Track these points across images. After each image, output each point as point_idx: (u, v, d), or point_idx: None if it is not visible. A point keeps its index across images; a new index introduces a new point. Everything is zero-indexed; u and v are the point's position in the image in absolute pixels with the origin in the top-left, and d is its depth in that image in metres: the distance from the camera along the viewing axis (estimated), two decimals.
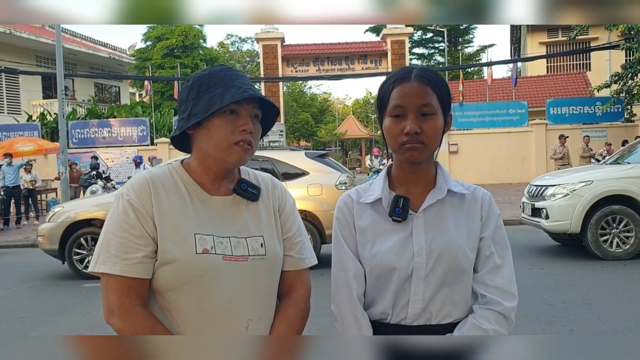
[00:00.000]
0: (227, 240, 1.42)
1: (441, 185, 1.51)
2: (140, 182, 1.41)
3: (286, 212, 1.56)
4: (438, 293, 1.45)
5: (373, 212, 1.52)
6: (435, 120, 1.44)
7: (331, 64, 27.01)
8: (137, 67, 30.99)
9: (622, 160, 8.56)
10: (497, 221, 1.54)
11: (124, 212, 1.37)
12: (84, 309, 6.10)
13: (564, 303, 5.53)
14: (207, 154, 1.44)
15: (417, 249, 1.45)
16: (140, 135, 21.44)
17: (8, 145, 17.16)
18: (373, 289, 1.50)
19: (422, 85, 1.44)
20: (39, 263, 9.20)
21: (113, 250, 1.35)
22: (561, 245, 8.87)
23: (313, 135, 43.81)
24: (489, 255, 1.49)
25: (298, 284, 1.54)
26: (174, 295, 1.38)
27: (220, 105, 1.37)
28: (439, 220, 1.49)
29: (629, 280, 6.42)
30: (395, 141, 1.44)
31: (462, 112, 22.03)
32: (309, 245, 1.59)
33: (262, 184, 1.56)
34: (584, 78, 27.23)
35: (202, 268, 1.37)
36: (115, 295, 1.34)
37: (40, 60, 26.91)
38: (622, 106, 20.38)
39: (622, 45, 18.82)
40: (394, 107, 1.44)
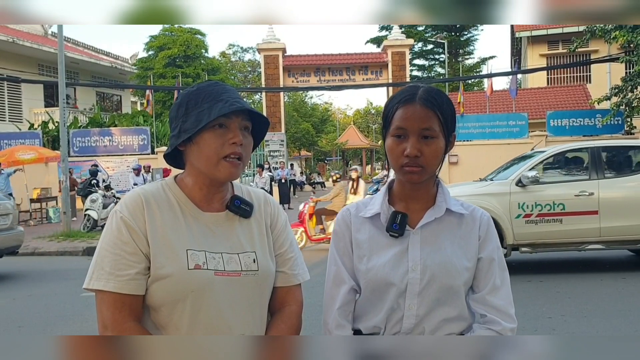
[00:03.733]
0: (220, 256, 1.43)
1: (440, 203, 1.53)
2: (134, 199, 1.43)
3: (278, 228, 1.58)
4: (432, 310, 1.47)
5: (371, 226, 1.54)
6: (436, 144, 1.46)
7: (332, 75, 27.10)
8: (139, 76, 31.10)
9: (495, 176, 8.50)
10: (496, 242, 1.55)
11: (117, 229, 1.39)
12: (82, 318, 6.09)
13: (562, 316, 5.52)
14: (198, 170, 1.46)
15: (412, 264, 1.47)
16: (141, 144, 21.49)
17: (9, 153, 17.19)
18: (367, 302, 1.52)
19: (425, 109, 1.45)
20: (37, 271, 9.19)
21: (107, 267, 1.37)
22: (559, 257, 8.85)
23: (314, 145, 43.85)
24: (489, 275, 1.51)
25: (290, 300, 1.55)
26: (167, 310, 1.39)
27: (209, 120, 1.39)
28: (435, 238, 1.50)
29: (628, 293, 6.40)
30: (397, 161, 1.47)
31: (462, 124, 22.06)
32: (302, 261, 1.60)
33: (255, 200, 1.57)
34: (584, 90, 27.28)
35: (194, 283, 1.38)
36: (109, 311, 1.36)
37: (43, 68, 27.02)
38: (622, 118, 20.39)
39: (622, 58, 18.88)
40: (397, 128, 1.46)
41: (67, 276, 8.81)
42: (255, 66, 45.14)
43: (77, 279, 7.88)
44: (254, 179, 19.11)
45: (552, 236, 7.53)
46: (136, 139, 21.54)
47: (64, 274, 8.38)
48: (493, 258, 1.52)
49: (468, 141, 22.08)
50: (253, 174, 19.60)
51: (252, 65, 46.90)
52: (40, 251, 11.82)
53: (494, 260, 1.52)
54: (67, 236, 13.13)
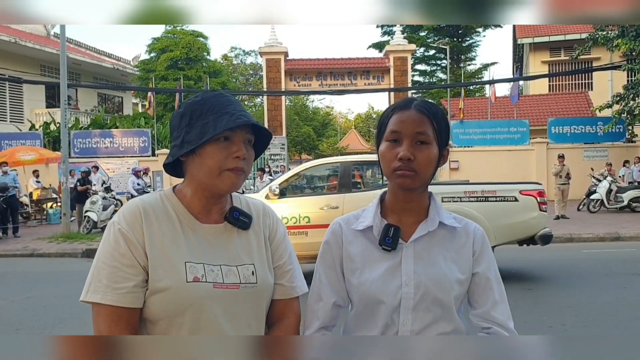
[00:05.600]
0: (218, 268, 1.42)
1: (433, 216, 1.52)
2: (132, 210, 1.41)
3: (277, 240, 1.56)
4: (428, 326, 1.45)
5: (364, 239, 1.53)
6: (430, 150, 1.45)
7: (334, 79, 27.12)
8: (141, 78, 31.12)
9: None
10: (491, 256, 1.55)
11: (115, 241, 1.38)
12: (81, 321, 6.06)
13: (562, 325, 5.49)
14: (200, 181, 1.44)
15: (406, 279, 1.46)
16: (141, 146, 21.51)
17: (9, 153, 17.21)
18: (361, 318, 1.51)
19: (420, 115, 1.45)
20: (36, 273, 9.17)
21: (104, 280, 1.35)
22: (561, 267, 8.83)
23: (315, 149, 43.85)
24: (488, 291, 1.50)
25: (288, 312, 1.54)
26: (165, 324, 1.38)
27: (214, 133, 1.37)
28: (428, 252, 1.49)
29: (629, 303, 6.37)
30: (389, 166, 1.45)
31: (464, 129, 22.07)
32: (300, 273, 1.59)
33: (254, 211, 1.56)
34: (586, 97, 27.29)
35: (193, 296, 1.37)
36: (105, 324, 1.34)
37: (45, 69, 27.06)
38: (623, 126, 20.41)
39: (623, 66, 18.91)
40: (391, 132, 1.45)
41: (66, 278, 8.80)
42: (257, 69, 45.19)
43: (76, 281, 7.85)
44: (254, 182, 19.11)
45: (298, 249, 7.47)
46: (137, 140, 21.55)
47: (63, 276, 8.36)
48: (490, 273, 1.51)
49: (469, 147, 22.08)
50: (254, 177, 19.61)
51: (254, 69, 46.96)
52: (39, 252, 11.82)
53: (491, 275, 1.51)
54: (66, 238, 13.13)
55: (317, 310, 1.53)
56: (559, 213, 15.10)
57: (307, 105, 44.86)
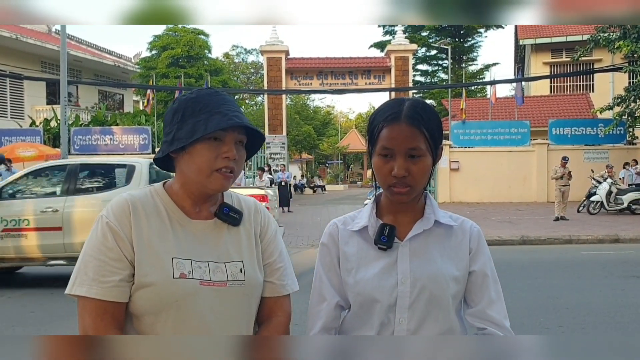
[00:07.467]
0: (206, 264, 1.41)
1: (429, 215, 1.51)
2: (121, 204, 1.41)
3: (268, 238, 1.55)
4: (424, 324, 1.44)
5: (360, 239, 1.52)
6: (424, 162, 1.43)
7: (335, 78, 27.10)
8: (142, 76, 31.12)
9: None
10: (488, 254, 1.54)
11: (102, 234, 1.37)
12: (77, 318, 6.05)
13: (560, 327, 5.48)
14: (189, 178, 1.43)
15: (401, 277, 1.45)
16: (141, 144, 21.52)
17: (9, 150, 17.19)
18: (357, 317, 1.50)
19: (411, 128, 1.41)
20: (32, 270, 9.16)
21: (90, 273, 1.34)
22: (560, 268, 8.81)
23: (315, 148, 43.83)
24: (484, 289, 1.49)
25: (278, 311, 1.52)
26: (151, 319, 1.37)
27: (204, 133, 1.36)
28: (424, 250, 1.48)
29: (627, 305, 6.35)
30: (384, 181, 1.44)
31: (464, 130, 22.06)
32: (291, 271, 1.57)
33: (245, 208, 1.54)
34: (587, 99, 27.29)
35: (179, 292, 1.35)
36: (90, 318, 1.34)
37: (45, 66, 27.05)
38: (624, 128, 20.39)
39: (625, 68, 18.91)
40: (383, 148, 1.43)
41: (63, 275, 8.78)
42: (258, 68, 45.16)
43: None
44: (254, 181, 19.11)
45: (18, 251, 7.54)
46: (137, 138, 21.58)
47: (60, 273, 8.32)
48: (487, 271, 1.50)
49: (470, 147, 22.07)
50: (253, 176, 19.61)
51: (255, 67, 46.93)
52: None
53: (488, 274, 1.51)
54: None
55: (320, 311, 1.51)
56: (558, 214, 15.09)
57: (307, 104, 44.80)
